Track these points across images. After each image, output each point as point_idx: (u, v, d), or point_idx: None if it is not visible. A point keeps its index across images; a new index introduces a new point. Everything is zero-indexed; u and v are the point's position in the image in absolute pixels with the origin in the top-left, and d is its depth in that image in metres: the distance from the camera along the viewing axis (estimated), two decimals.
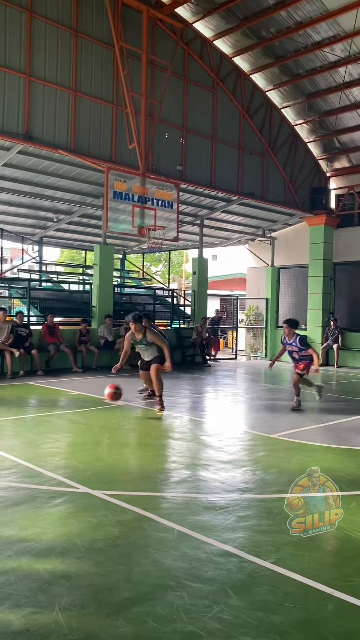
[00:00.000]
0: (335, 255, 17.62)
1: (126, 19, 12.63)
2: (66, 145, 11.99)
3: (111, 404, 8.13)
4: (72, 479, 4.73)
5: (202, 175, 14.66)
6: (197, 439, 6.65)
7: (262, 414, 8.60)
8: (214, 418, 8.25)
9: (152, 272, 35.25)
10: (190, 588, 2.94)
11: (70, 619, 2.62)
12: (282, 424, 7.63)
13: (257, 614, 2.70)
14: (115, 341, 13.71)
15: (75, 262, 30.98)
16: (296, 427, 7.29)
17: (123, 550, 3.39)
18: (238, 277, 28.31)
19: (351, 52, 13.72)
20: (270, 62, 15.02)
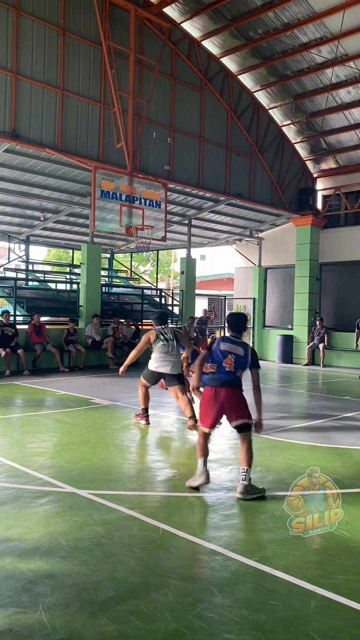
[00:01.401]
0: (321, 255, 17.74)
1: (114, 18, 12.61)
2: (53, 144, 11.94)
3: None
4: (58, 479, 4.71)
5: (190, 175, 14.67)
6: (183, 438, 6.66)
7: None
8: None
9: (140, 272, 35.21)
10: (175, 586, 2.95)
11: (54, 618, 2.61)
12: (268, 422, 7.65)
13: (240, 612, 2.71)
14: (102, 341, 13.68)
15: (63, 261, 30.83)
16: (282, 426, 7.33)
17: (108, 549, 3.39)
18: (226, 277, 28.38)
19: (338, 53, 13.82)
20: (258, 63, 15.08)
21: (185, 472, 5.08)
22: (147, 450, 6.13)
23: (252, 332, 19.25)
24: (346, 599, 2.85)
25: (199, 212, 16.74)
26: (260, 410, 4.67)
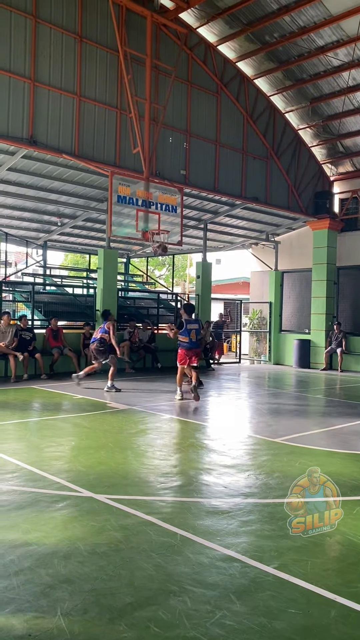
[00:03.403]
0: (338, 259, 17.60)
1: (130, 25, 12.69)
2: (70, 150, 12.04)
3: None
4: (75, 483, 4.73)
5: (206, 180, 14.68)
6: (200, 443, 6.64)
7: (266, 418, 8.58)
8: (217, 422, 8.23)
9: (156, 276, 35.28)
10: (193, 593, 2.93)
11: (73, 623, 2.61)
12: (285, 428, 7.61)
13: (259, 620, 2.69)
14: (119, 345, 13.70)
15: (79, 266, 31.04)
16: (300, 432, 7.27)
17: (126, 554, 3.38)
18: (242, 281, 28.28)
19: (355, 56, 13.74)
20: (274, 67, 15.05)
21: (203, 477, 5.06)
22: (164, 455, 6.12)
23: (268, 337, 19.17)
24: None
25: (214, 216, 16.74)
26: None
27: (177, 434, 7.20)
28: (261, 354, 20.15)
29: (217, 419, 8.60)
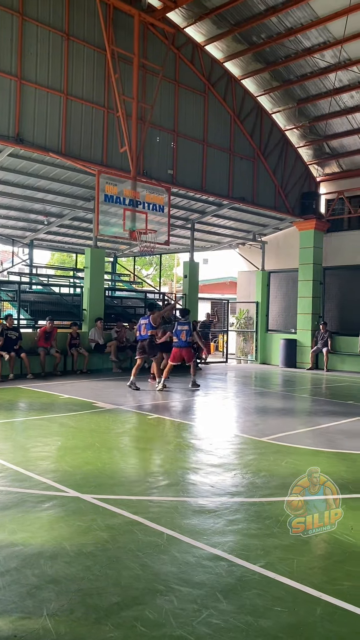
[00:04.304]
0: (325, 259, 17.72)
1: (118, 23, 12.66)
2: (57, 148, 11.98)
3: None
4: (62, 483, 4.71)
5: (193, 179, 14.70)
6: (187, 443, 6.64)
7: (252, 417, 8.61)
8: (204, 421, 8.25)
9: (143, 276, 35.24)
10: (180, 592, 2.94)
11: (59, 624, 2.60)
12: (272, 427, 7.64)
13: (246, 618, 2.70)
14: (106, 344, 13.68)
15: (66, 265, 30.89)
16: (286, 431, 7.31)
17: (112, 554, 3.38)
18: (229, 281, 28.36)
19: (341, 58, 13.84)
20: (261, 68, 15.11)
21: (190, 476, 5.07)
22: (151, 454, 6.11)
23: (255, 336, 19.24)
24: (352, 606, 2.83)
25: (202, 216, 16.76)
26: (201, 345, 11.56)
27: (164, 433, 7.20)
28: (248, 353, 20.22)
29: (204, 418, 8.62)
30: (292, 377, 14.91)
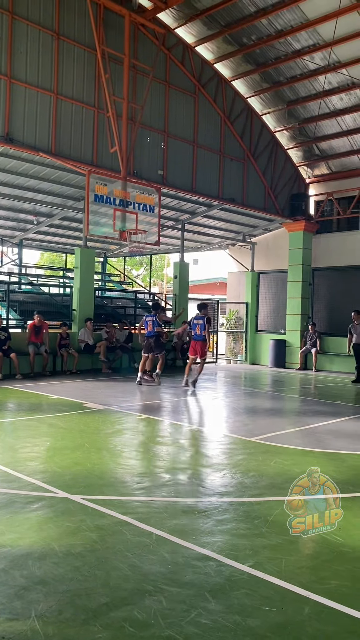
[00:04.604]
0: (314, 260, 17.82)
1: (108, 23, 12.65)
2: (47, 148, 11.94)
3: None
4: (51, 484, 4.69)
5: (184, 180, 14.71)
6: (176, 443, 6.65)
7: (242, 417, 8.63)
8: (194, 421, 8.26)
9: (134, 276, 35.20)
10: (168, 592, 2.94)
11: (47, 625, 2.60)
12: (261, 427, 7.67)
13: (234, 618, 2.71)
14: (95, 345, 13.64)
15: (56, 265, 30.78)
16: (275, 431, 7.33)
17: (101, 555, 3.38)
18: (219, 282, 28.42)
19: (330, 60, 13.93)
20: (251, 69, 15.16)
21: (179, 477, 5.08)
22: (140, 454, 6.11)
23: (245, 337, 19.29)
24: (340, 605, 2.85)
25: (192, 216, 16.78)
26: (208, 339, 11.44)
27: (154, 433, 7.20)
28: (237, 353, 20.27)
29: (194, 418, 8.63)
30: (281, 377, 14.97)
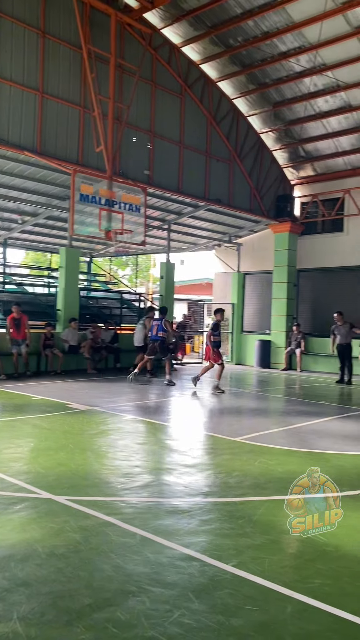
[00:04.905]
0: (299, 262, 17.92)
1: (94, 22, 12.60)
2: (32, 147, 11.86)
3: None
4: (34, 485, 4.66)
5: (170, 180, 14.71)
6: (161, 443, 6.65)
7: (226, 417, 8.66)
8: (179, 422, 8.26)
9: (120, 276, 35.11)
10: (152, 593, 2.94)
11: (29, 627, 2.58)
12: (245, 427, 7.70)
13: (217, 618, 2.71)
14: (79, 345, 13.58)
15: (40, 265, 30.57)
16: (259, 431, 7.36)
17: (84, 556, 3.36)
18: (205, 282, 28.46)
19: (316, 63, 14.02)
20: (238, 71, 15.21)
21: (164, 477, 5.07)
22: (125, 455, 6.09)
23: (230, 337, 19.33)
24: (322, 603, 2.87)
25: (178, 217, 16.78)
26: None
27: (138, 434, 7.19)
28: (223, 354, 20.29)
29: (178, 418, 8.63)
30: (266, 377, 15.03)
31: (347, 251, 16.87)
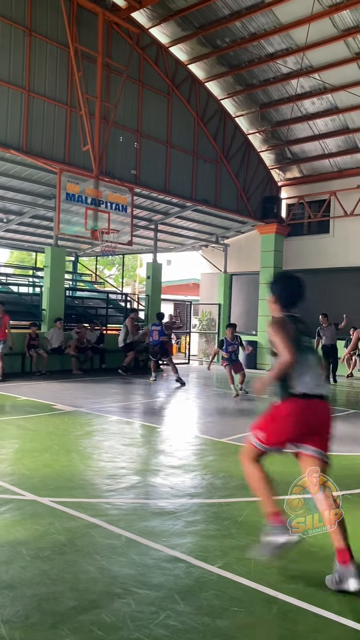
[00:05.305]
0: (285, 263, 18.00)
1: (82, 21, 12.54)
2: (18, 146, 11.76)
3: None
4: (19, 486, 4.62)
5: (157, 180, 14.69)
6: (147, 444, 6.63)
7: (213, 418, 8.66)
8: (165, 423, 8.25)
9: (105, 276, 34.98)
10: (138, 595, 2.92)
11: (13, 630, 2.55)
12: (232, 428, 7.71)
13: (203, 619, 2.71)
14: (61, 347, 13.42)
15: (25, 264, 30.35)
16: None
17: (69, 558, 3.33)
18: (192, 283, 28.46)
19: (303, 65, 14.10)
20: (225, 71, 15.24)
21: (150, 478, 5.06)
22: (110, 456, 6.06)
23: (217, 338, 19.36)
24: (307, 604, 2.88)
25: (165, 217, 16.76)
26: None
27: (124, 435, 7.16)
28: (210, 355, 20.32)
29: (165, 419, 8.62)
30: (253, 378, 15.05)
31: (333, 253, 16.99)
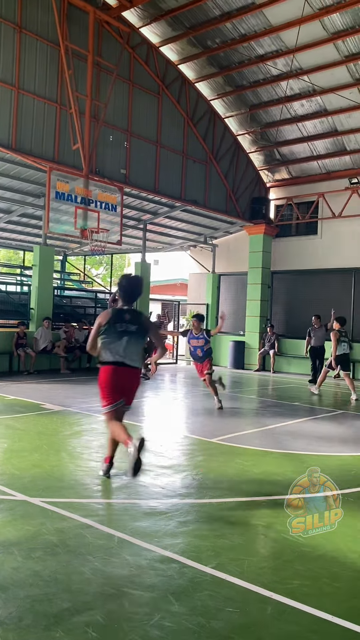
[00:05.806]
0: (273, 263, 18.08)
1: (72, 19, 12.48)
2: (7, 143, 11.67)
3: None
4: (9, 487, 4.58)
5: (146, 180, 14.67)
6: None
7: (202, 418, 8.67)
8: (154, 423, 8.23)
9: (94, 275, 34.85)
10: (132, 596, 2.91)
11: (6, 632, 2.52)
12: (221, 428, 7.71)
13: (198, 620, 2.70)
14: (46, 348, 13.33)
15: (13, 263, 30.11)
16: (235, 432, 7.39)
17: (62, 558, 3.31)
18: (180, 283, 28.46)
19: (293, 67, 14.17)
20: (215, 72, 15.26)
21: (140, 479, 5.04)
22: (100, 456, 6.03)
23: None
24: (301, 604, 2.88)
25: (154, 217, 16.74)
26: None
27: None
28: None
29: (154, 419, 8.60)
30: (240, 378, 15.11)
31: (320, 254, 17.09)
